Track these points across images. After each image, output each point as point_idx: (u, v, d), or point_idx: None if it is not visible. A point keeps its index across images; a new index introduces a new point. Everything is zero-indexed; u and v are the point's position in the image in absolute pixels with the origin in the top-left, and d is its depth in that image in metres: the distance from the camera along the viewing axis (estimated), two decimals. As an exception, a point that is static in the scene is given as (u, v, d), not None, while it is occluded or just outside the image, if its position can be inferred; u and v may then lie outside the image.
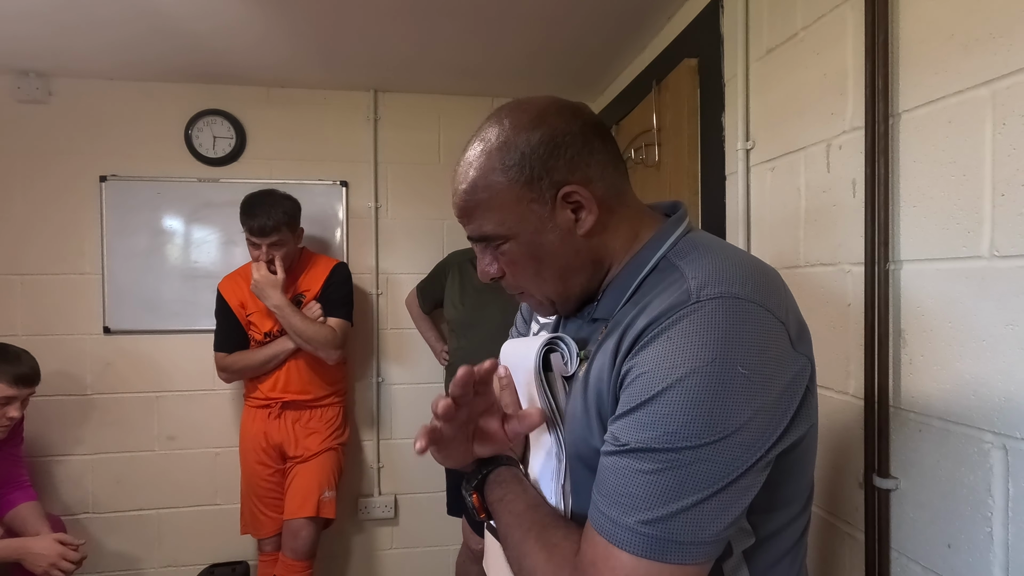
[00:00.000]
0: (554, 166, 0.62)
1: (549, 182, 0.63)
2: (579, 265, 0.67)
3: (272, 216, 1.85)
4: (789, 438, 0.55)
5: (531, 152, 0.62)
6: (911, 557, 0.91)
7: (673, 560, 0.49)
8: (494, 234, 0.65)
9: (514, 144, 0.63)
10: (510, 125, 0.64)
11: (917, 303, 0.89)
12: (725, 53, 1.42)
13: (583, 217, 0.64)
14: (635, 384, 0.54)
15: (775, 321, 0.55)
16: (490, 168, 0.63)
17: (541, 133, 0.63)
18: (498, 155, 0.63)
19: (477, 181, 0.64)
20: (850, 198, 1.02)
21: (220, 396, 2.29)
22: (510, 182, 0.63)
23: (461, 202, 0.67)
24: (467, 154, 0.67)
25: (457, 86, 2.35)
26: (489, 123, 0.67)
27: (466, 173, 0.66)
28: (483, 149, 0.65)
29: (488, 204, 0.64)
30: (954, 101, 0.82)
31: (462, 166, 0.67)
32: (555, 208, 0.64)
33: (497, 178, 0.63)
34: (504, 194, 0.63)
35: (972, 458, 0.80)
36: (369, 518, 2.39)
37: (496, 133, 0.64)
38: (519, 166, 0.62)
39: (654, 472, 0.51)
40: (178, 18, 1.74)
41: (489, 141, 0.64)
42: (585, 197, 0.63)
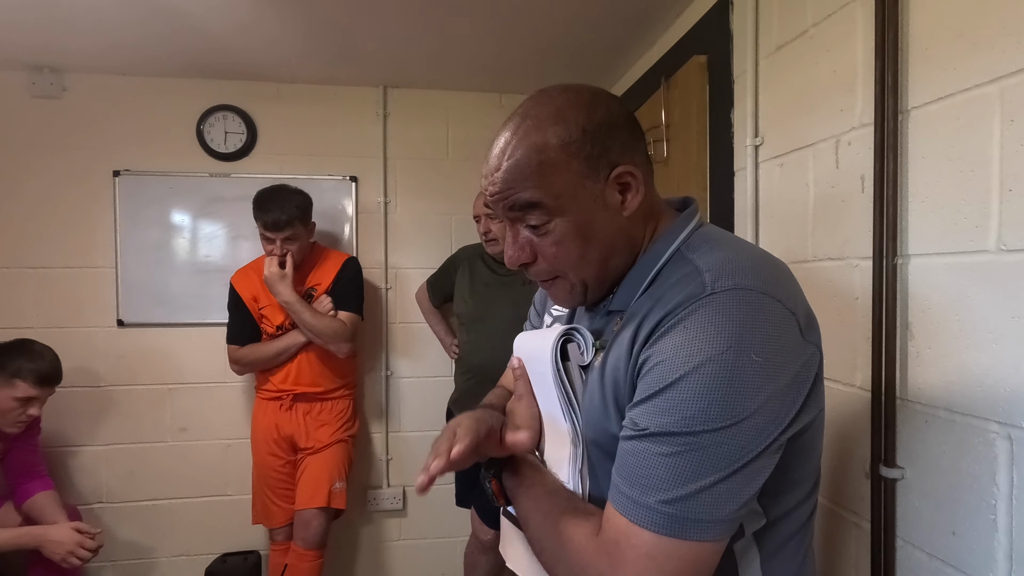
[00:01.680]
0: (611, 146, 0.64)
1: (606, 160, 0.63)
2: (621, 247, 0.67)
3: (286, 211, 1.88)
4: (799, 423, 0.57)
5: (592, 129, 0.63)
6: (916, 545, 0.93)
7: (692, 537, 0.52)
8: (545, 206, 0.63)
9: (573, 120, 0.63)
10: (566, 103, 0.64)
11: (924, 297, 0.91)
12: (734, 50, 1.44)
13: (629, 199, 0.65)
14: (653, 372, 0.57)
15: (785, 311, 0.57)
16: (545, 142, 0.62)
17: (600, 113, 0.64)
18: (555, 129, 0.62)
19: (531, 151, 0.63)
20: (859, 193, 1.03)
21: (231, 389, 2.32)
22: (569, 156, 0.62)
23: (506, 175, 0.64)
24: (511, 130, 0.65)
25: (466, 82, 2.37)
26: (535, 102, 0.66)
27: (515, 146, 0.64)
28: (535, 124, 0.63)
29: (541, 175, 0.63)
30: (963, 98, 0.84)
31: (506, 140, 0.65)
32: (605, 187, 0.64)
33: (554, 152, 0.62)
34: (561, 167, 0.63)
35: (977, 448, 0.82)
36: (378, 509, 2.42)
37: (550, 110, 0.64)
38: (579, 141, 0.62)
39: (673, 455, 0.53)
40: (191, 15, 1.76)
41: (541, 117, 0.63)
42: (636, 178, 0.65)
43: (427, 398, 2.44)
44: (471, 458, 0.66)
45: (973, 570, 0.83)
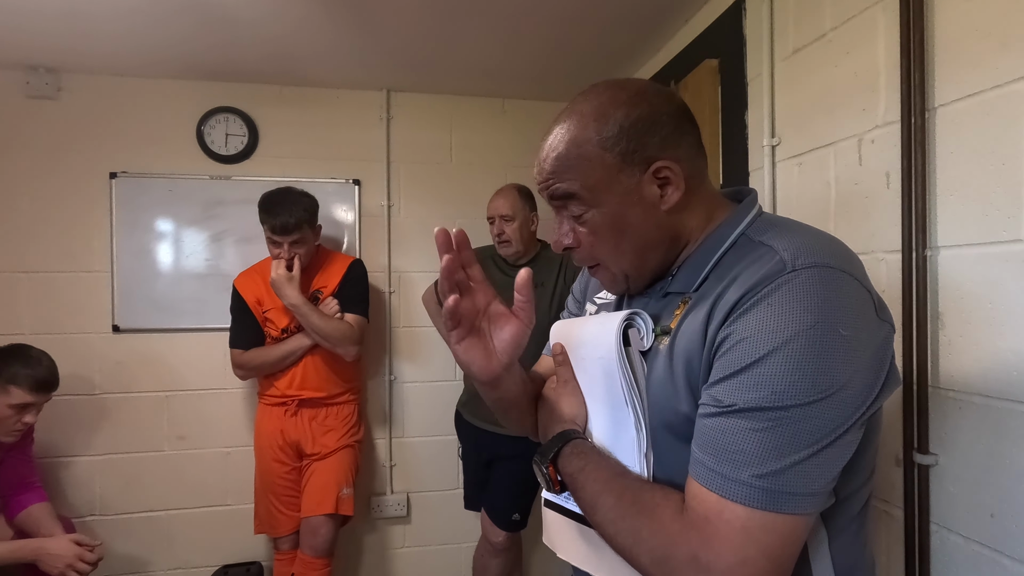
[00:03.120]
0: (648, 142, 0.66)
1: (641, 156, 0.66)
2: (658, 240, 0.69)
3: (294, 214, 1.86)
4: (881, 399, 0.58)
5: (629, 126, 0.65)
6: (951, 529, 0.95)
7: (786, 510, 0.52)
8: (581, 196, 0.67)
9: (613, 117, 0.66)
10: (608, 100, 0.67)
11: (955, 287, 0.94)
12: (748, 54, 1.48)
13: (668, 193, 0.67)
14: (736, 349, 0.57)
15: (863, 289, 0.58)
16: (585, 137, 0.66)
17: (640, 110, 0.66)
18: (595, 125, 0.66)
19: (571, 145, 0.67)
20: (884, 189, 1.07)
21: (231, 395, 2.27)
22: (604, 151, 0.66)
23: (551, 165, 0.69)
24: (560, 124, 0.69)
25: (469, 87, 2.38)
26: (583, 98, 0.69)
27: (560, 140, 0.68)
28: (578, 120, 0.67)
29: (579, 168, 0.67)
30: (992, 95, 0.87)
31: (555, 132, 0.69)
32: (642, 182, 0.67)
33: (592, 146, 0.66)
34: (597, 161, 0.66)
35: (1013, 431, 0.85)
36: (382, 516, 2.39)
37: (594, 106, 0.67)
38: (615, 138, 0.65)
39: (765, 430, 0.54)
40: (192, 16, 1.74)
41: (585, 113, 0.67)
42: (675, 173, 0.66)
43: (431, 403, 2.42)
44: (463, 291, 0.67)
45: (1013, 551, 0.85)
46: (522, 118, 2.49)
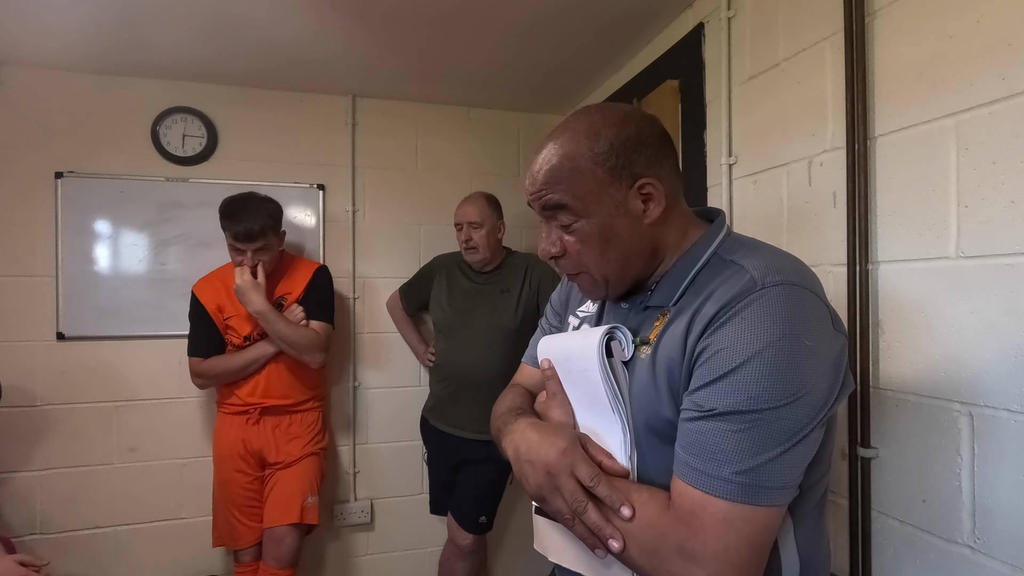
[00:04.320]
0: (635, 160, 0.72)
1: (629, 172, 0.72)
2: (640, 251, 0.76)
3: (258, 220, 1.82)
4: (839, 401, 0.66)
5: (619, 144, 0.72)
6: (889, 515, 1.06)
7: (763, 503, 0.59)
8: (571, 207, 0.73)
9: (604, 135, 0.72)
10: (600, 120, 0.73)
11: (893, 297, 1.05)
12: (707, 77, 1.58)
13: (651, 208, 0.74)
14: (714, 359, 0.64)
15: (822, 304, 0.66)
16: (579, 152, 0.72)
17: (629, 130, 0.72)
18: (587, 142, 0.72)
19: (564, 159, 0.73)
20: (831, 208, 1.18)
21: (187, 404, 2.20)
22: (596, 165, 0.72)
23: (543, 177, 0.74)
24: (553, 140, 0.75)
25: (435, 95, 2.40)
26: (575, 118, 0.76)
27: (553, 154, 0.74)
28: (571, 136, 0.73)
29: (571, 180, 0.73)
30: (924, 129, 0.99)
31: (548, 147, 0.75)
32: (628, 196, 0.73)
33: (584, 161, 0.72)
34: (588, 175, 0.72)
35: (943, 425, 0.96)
36: (345, 524, 2.36)
37: (586, 125, 0.73)
38: (606, 154, 0.72)
39: (742, 431, 0.60)
40: (148, 12, 1.69)
41: (577, 131, 0.73)
42: (657, 190, 0.73)
43: (396, 409, 2.42)
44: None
45: (942, 531, 0.96)
46: (487, 127, 2.54)
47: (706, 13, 1.58)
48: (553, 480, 0.70)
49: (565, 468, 0.69)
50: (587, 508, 0.67)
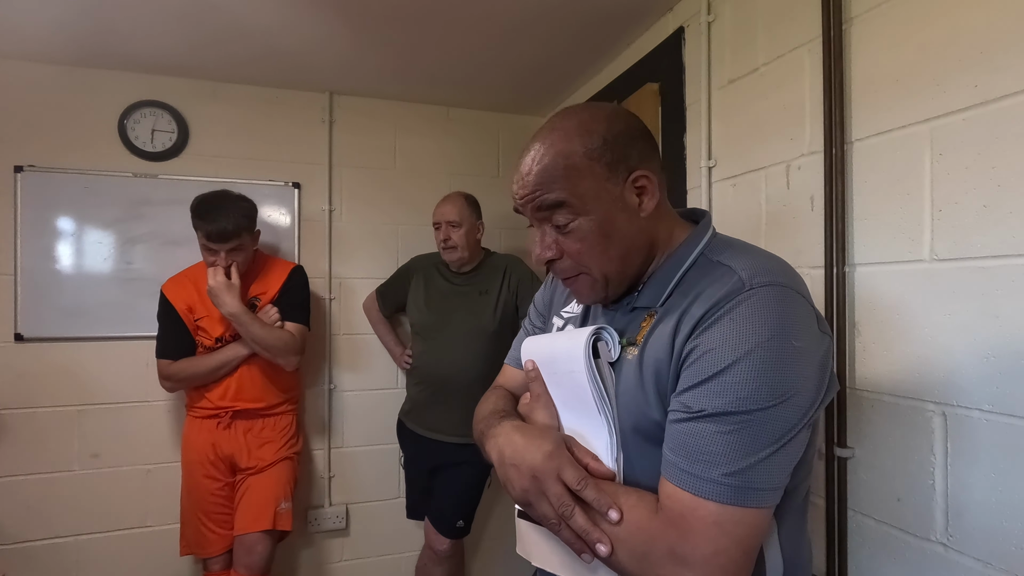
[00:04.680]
0: (629, 154, 0.72)
1: (624, 166, 0.72)
2: (640, 245, 0.75)
3: (232, 220, 1.77)
4: (825, 402, 0.66)
5: (612, 139, 0.71)
6: (865, 513, 1.08)
7: (752, 504, 0.59)
8: (570, 204, 0.71)
9: (596, 131, 0.71)
10: (589, 117, 0.72)
11: (869, 299, 1.07)
12: (687, 81, 1.59)
13: (645, 201, 0.73)
14: (702, 360, 0.63)
15: (808, 305, 0.67)
16: (572, 149, 0.71)
17: (619, 125, 0.72)
18: (579, 139, 0.71)
19: (558, 157, 0.71)
20: (809, 211, 1.20)
21: (154, 408, 2.13)
22: (591, 162, 0.71)
23: (536, 178, 0.72)
24: (540, 141, 0.73)
25: (414, 94, 2.38)
26: (561, 117, 0.74)
27: (543, 154, 0.72)
28: (562, 135, 0.72)
29: (567, 178, 0.71)
30: (900, 134, 1.01)
31: (536, 149, 0.73)
32: (624, 190, 0.72)
33: (578, 158, 0.71)
34: (584, 171, 0.71)
35: (917, 424, 0.98)
36: (319, 530, 2.31)
37: (575, 123, 0.72)
38: (601, 149, 0.71)
39: (731, 432, 0.60)
40: (114, 3, 1.63)
41: (567, 129, 0.72)
42: (651, 183, 0.73)
43: (372, 412, 2.38)
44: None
45: (916, 529, 0.98)
46: (467, 127, 2.52)
47: (686, 17, 1.59)
48: (539, 484, 0.68)
49: (551, 472, 0.68)
50: (574, 512, 0.65)
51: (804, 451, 0.71)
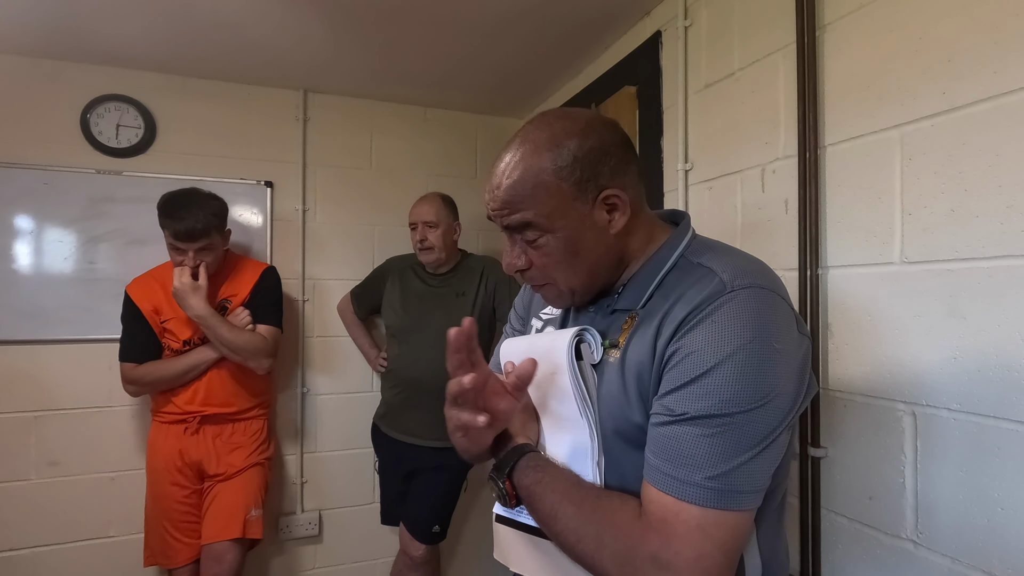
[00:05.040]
0: (600, 171, 0.71)
1: (594, 185, 0.71)
2: (607, 261, 0.75)
3: (201, 219, 1.72)
4: (805, 403, 0.67)
5: (583, 156, 0.70)
6: (838, 512, 1.10)
7: (734, 507, 0.59)
8: (537, 224, 0.71)
9: (566, 147, 0.70)
10: (561, 129, 0.71)
11: (842, 301, 1.09)
12: (664, 84, 1.60)
13: (616, 218, 0.73)
14: (685, 362, 0.63)
15: (788, 307, 0.67)
16: (540, 166, 0.70)
17: (592, 141, 0.71)
18: (549, 155, 0.70)
19: (526, 174, 0.70)
20: (783, 214, 1.21)
21: (117, 413, 2.05)
22: (560, 180, 0.70)
23: (505, 194, 0.72)
24: (512, 151, 0.72)
25: (391, 93, 2.35)
26: (535, 126, 0.73)
27: (513, 167, 0.71)
28: (532, 149, 0.71)
29: (535, 197, 0.70)
30: (871, 139, 1.03)
31: (507, 161, 0.72)
32: (593, 208, 0.72)
33: (547, 176, 0.70)
34: (552, 190, 0.70)
35: (888, 424, 1.00)
36: (291, 538, 2.26)
37: (547, 136, 0.71)
38: (570, 167, 0.70)
39: (714, 435, 0.60)
40: None
41: (538, 143, 0.71)
42: (622, 200, 0.72)
43: (346, 416, 2.34)
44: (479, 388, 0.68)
45: (887, 527, 1.00)
46: (444, 128, 2.50)
47: (664, 21, 1.61)
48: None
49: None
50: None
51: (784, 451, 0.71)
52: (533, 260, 0.75)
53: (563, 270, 0.74)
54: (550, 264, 0.74)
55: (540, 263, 0.75)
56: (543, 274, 0.76)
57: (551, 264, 0.74)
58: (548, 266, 0.75)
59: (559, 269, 0.74)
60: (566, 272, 0.75)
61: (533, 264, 0.76)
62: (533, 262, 0.75)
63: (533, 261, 0.75)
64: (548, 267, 0.75)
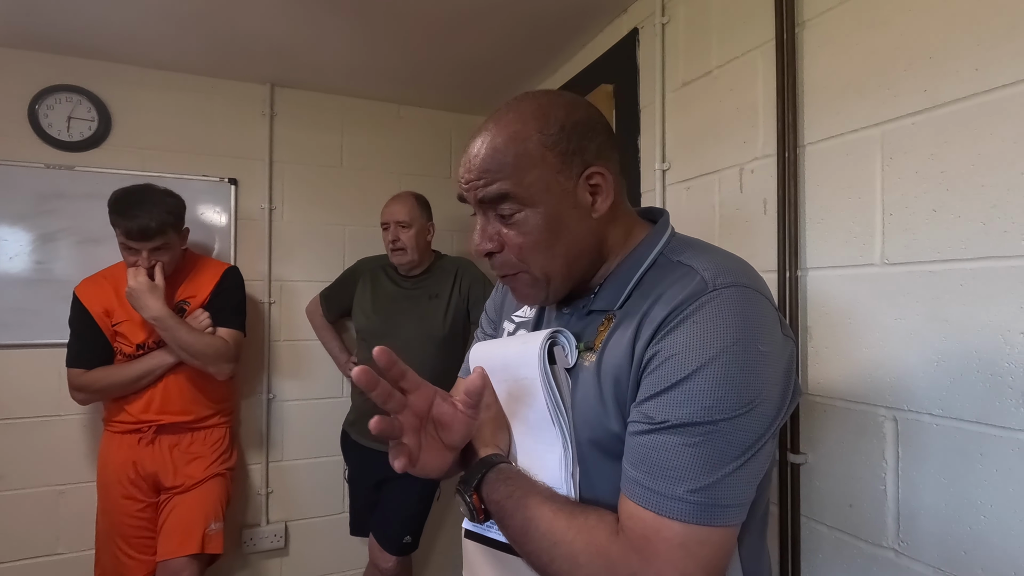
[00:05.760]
0: (587, 146, 0.66)
1: (580, 160, 0.66)
2: (588, 247, 0.70)
3: (155, 216, 1.62)
4: (790, 409, 0.63)
5: (571, 127, 0.65)
6: (818, 520, 1.07)
7: (719, 523, 0.54)
8: (516, 195, 0.65)
9: (554, 116, 0.65)
10: (548, 102, 0.67)
11: (822, 303, 1.06)
12: (641, 82, 1.57)
13: (599, 201, 0.68)
14: (665, 366, 0.59)
15: (772, 307, 0.63)
16: (526, 133, 0.65)
17: (579, 114, 0.67)
18: (535, 123, 0.65)
19: (511, 141, 0.65)
20: (762, 215, 1.19)
21: (66, 422, 1.93)
22: (545, 149, 0.65)
23: (484, 162, 0.66)
24: (495, 120, 0.67)
25: (363, 89, 2.28)
26: (520, 100, 0.69)
27: (496, 133, 0.66)
28: (516, 116, 0.66)
29: (516, 165, 0.65)
30: (851, 138, 1.01)
31: (487, 130, 0.67)
32: (577, 186, 0.67)
33: (532, 143, 0.65)
34: (536, 159, 0.65)
35: (869, 429, 0.97)
36: (255, 551, 2.16)
37: (534, 107, 0.66)
38: (556, 136, 0.65)
39: (696, 444, 0.55)
40: None
41: (524, 111, 0.66)
42: (606, 182, 0.68)
43: (315, 422, 2.25)
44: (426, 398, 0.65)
45: (868, 535, 0.97)
46: (418, 126, 2.44)
47: (641, 18, 1.58)
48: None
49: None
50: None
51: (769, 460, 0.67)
52: (507, 241, 0.68)
53: (540, 252, 0.68)
54: (526, 244, 0.67)
55: (515, 243, 0.68)
56: (515, 259, 0.69)
57: (527, 245, 0.67)
58: (524, 247, 0.67)
59: (536, 250, 0.68)
60: (543, 255, 0.68)
61: (506, 246, 0.69)
62: (506, 243, 0.68)
63: (507, 242, 0.68)
64: (523, 248, 0.68)
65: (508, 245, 0.68)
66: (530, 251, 0.68)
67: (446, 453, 0.69)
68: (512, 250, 0.68)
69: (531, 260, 0.69)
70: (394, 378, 0.62)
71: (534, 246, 0.67)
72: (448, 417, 0.66)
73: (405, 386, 0.63)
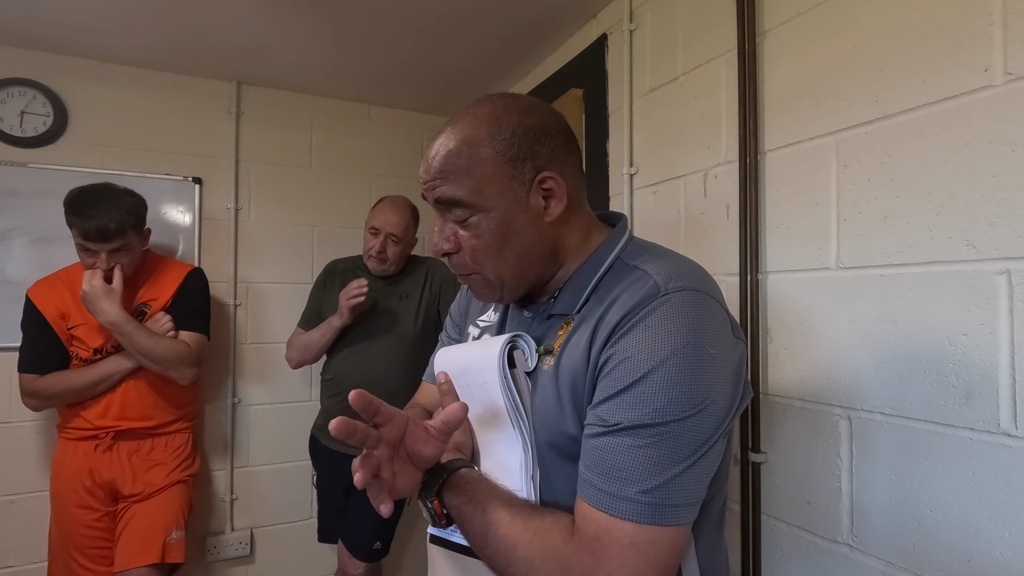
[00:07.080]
0: (539, 152, 0.67)
1: (531, 164, 0.67)
2: (540, 251, 0.71)
3: (114, 217, 1.57)
4: (740, 410, 0.64)
5: (522, 132, 0.66)
6: (778, 517, 1.10)
7: (670, 522, 0.55)
8: (467, 201, 0.67)
9: (507, 122, 0.66)
10: (503, 106, 0.68)
11: (781, 306, 1.09)
12: (610, 88, 1.59)
13: (552, 206, 0.69)
14: (618, 369, 0.60)
15: (723, 310, 0.65)
16: (479, 138, 0.66)
17: (533, 119, 0.67)
18: (487, 128, 0.66)
19: (463, 145, 0.66)
20: (724, 220, 1.21)
21: (17, 430, 1.86)
22: (496, 154, 0.66)
23: (439, 163, 0.67)
24: (453, 123, 0.68)
25: (332, 89, 2.25)
26: (477, 103, 0.70)
27: (451, 137, 0.67)
28: (471, 121, 0.67)
29: (468, 170, 0.66)
30: (808, 145, 1.04)
31: (445, 133, 0.68)
32: (529, 191, 0.68)
33: (484, 148, 0.66)
34: (488, 164, 0.66)
35: (825, 429, 1.00)
36: (219, 559, 2.11)
37: (488, 111, 0.67)
38: (508, 141, 0.66)
39: (647, 446, 0.56)
40: None
41: (479, 117, 0.67)
42: (559, 186, 0.69)
43: (282, 427, 2.21)
44: (398, 432, 0.64)
45: (824, 531, 1.00)
46: (389, 127, 2.42)
47: (609, 25, 1.60)
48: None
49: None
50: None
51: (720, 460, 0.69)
52: (462, 243, 0.70)
53: (492, 256, 0.69)
54: (479, 247, 0.69)
55: (468, 246, 0.69)
56: (470, 260, 0.70)
57: (479, 248, 0.69)
58: (476, 250, 0.69)
59: (488, 254, 0.69)
60: (495, 258, 0.69)
61: (462, 247, 0.70)
62: (462, 245, 0.70)
63: (462, 244, 0.70)
64: (476, 251, 0.69)
65: (463, 247, 0.70)
66: (482, 254, 0.69)
67: (416, 473, 0.69)
68: (466, 252, 0.70)
69: (484, 263, 0.70)
70: (370, 416, 0.62)
71: (486, 250, 0.69)
72: (420, 443, 0.66)
73: (379, 421, 0.63)
